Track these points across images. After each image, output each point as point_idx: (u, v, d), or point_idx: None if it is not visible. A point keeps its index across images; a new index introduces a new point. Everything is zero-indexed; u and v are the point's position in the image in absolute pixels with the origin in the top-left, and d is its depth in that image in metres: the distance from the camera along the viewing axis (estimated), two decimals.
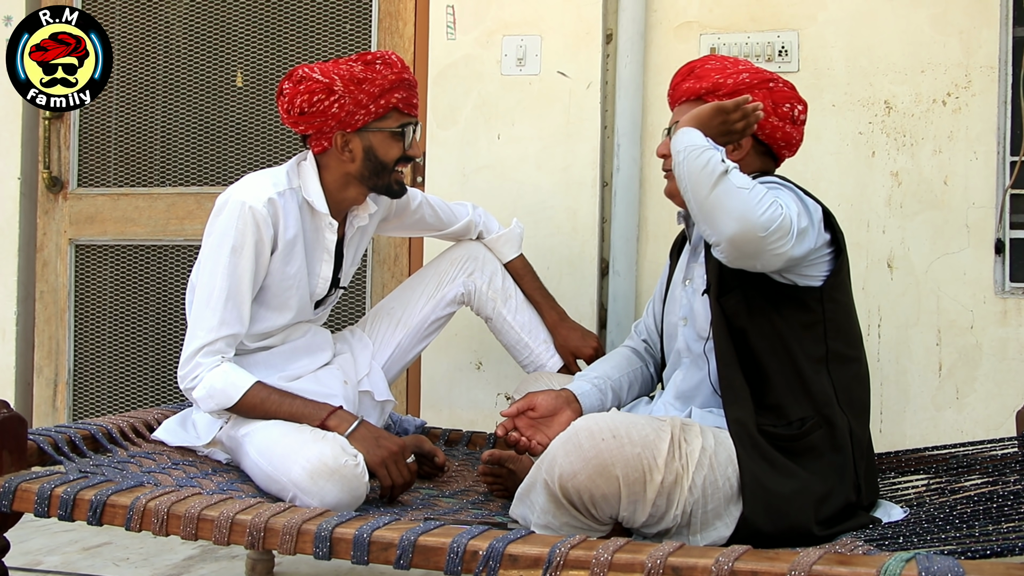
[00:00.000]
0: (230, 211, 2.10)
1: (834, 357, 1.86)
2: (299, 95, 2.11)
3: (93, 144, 3.33)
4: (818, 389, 1.83)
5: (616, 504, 1.68)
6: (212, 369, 2.05)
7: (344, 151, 2.17)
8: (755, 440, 1.74)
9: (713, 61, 2.02)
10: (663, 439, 1.69)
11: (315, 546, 1.59)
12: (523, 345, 2.46)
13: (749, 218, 1.67)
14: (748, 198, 1.68)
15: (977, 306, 2.61)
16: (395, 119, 2.17)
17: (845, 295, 1.92)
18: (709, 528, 1.72)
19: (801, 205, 1.79)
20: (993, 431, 2.54)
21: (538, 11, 2.86)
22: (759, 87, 1.95)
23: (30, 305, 3.35)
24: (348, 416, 2.04)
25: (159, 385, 3.26)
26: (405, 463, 2.03)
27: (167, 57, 3.26)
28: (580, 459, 1.65)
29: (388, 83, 2.12)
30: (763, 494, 1.70)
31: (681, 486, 1.68)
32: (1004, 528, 1.59)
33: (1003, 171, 2.62)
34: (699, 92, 1.98)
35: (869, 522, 1.81)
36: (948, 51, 2.63)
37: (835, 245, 1.88)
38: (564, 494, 1.68)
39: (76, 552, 2.63)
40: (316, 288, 2.26)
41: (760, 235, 1.67)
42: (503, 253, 2.51)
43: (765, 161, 2.02)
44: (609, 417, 1.71)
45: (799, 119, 2.00)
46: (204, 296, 2.09)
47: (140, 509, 1.70)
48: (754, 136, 1.96)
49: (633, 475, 1.65)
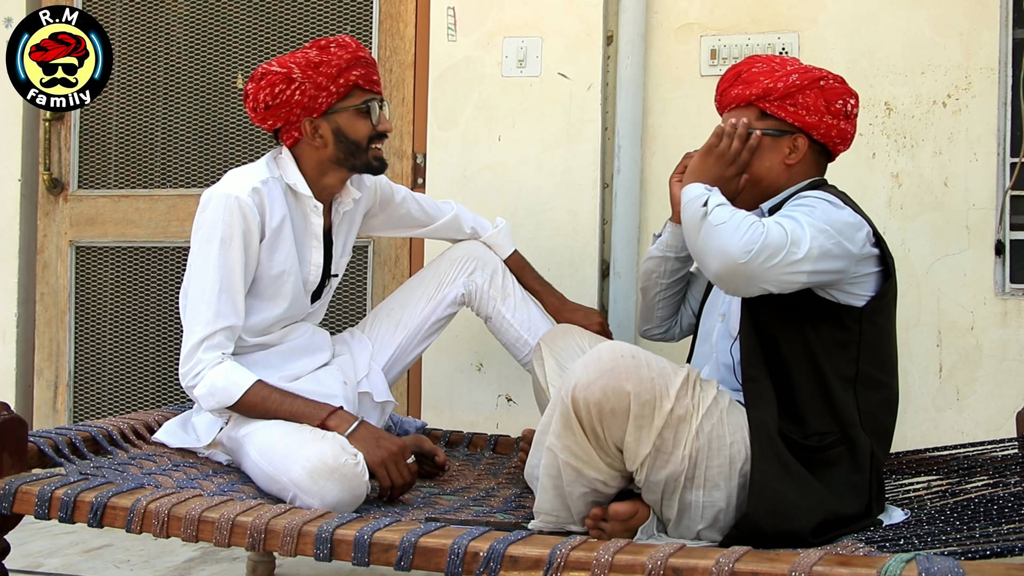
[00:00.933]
0: (216, 204, 2.11)
1: (863, 380, 1.84)
2: (261, 90, 2.15)
3: (94, 146, 3.33)
4: (843, 407, 1.81)
5: (624, 424, 1.68)
6: (214, 367, 2.05)
7: (315, 137, 2.18)
8: (773, 441, 1.73)
9: (760, 63, 1.97)
10: (679, 374, 1.71)
11: (316, 548, 1.59)
12: (522, 343, 2.46)
13: (726, 250, 1.69)
14: (724, 232, 1.70)
15: (977, 307, 2.61)
16: (358, 96, 2.18)
17: (887, 319, 1.88)
18: (712, 489, 1.71)
19: (828, 221, 1.75)
20: (993, 432, 2.54)
21: (539, 13, 2.87)
22: (810, 87, 1.92)
23: (31, 307, 3.36)
24: (348, 416, 2.05)
25: (160, 387, 3.26)
26: (405, 463, 2.03)
27: (168, 58, 3.26)
28: (597, 370, 1.67)
29: (344, 62, 2.14)
30: (771, 495, 1.69)
31: (689, 425, 1.69)
32: (1004, 529, 1.60)
33: (1003, 172, 2.62)
34: (749, 98, 1.94)
35: (869, 524, 1.81)
36: (948, 53, 2.63)
37: (883, 266, 1.85)
38: (575, 406, 1.68)
39: (77, 554, 2.63)
40: (309, 276, 2.26)
41: (741, 262, 1.68)
42: (502, 249, 2.52)
43: (821, 161, 2.00)
44: (632, 345, 1.73)
45: (852, 113, 1.97)
46: (197, 291, 2.09)
47: (141, 511, 1.70)
48: (809, 136, 1.94)
49: (644, 396, 1.66)
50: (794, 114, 1.92)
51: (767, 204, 1.96)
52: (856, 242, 1.79)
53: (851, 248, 1.77)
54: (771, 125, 1.94)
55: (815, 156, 1.98)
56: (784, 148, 1.94)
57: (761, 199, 1.97)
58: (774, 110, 1.93)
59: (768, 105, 1.93)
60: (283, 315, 2.24)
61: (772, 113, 1.93)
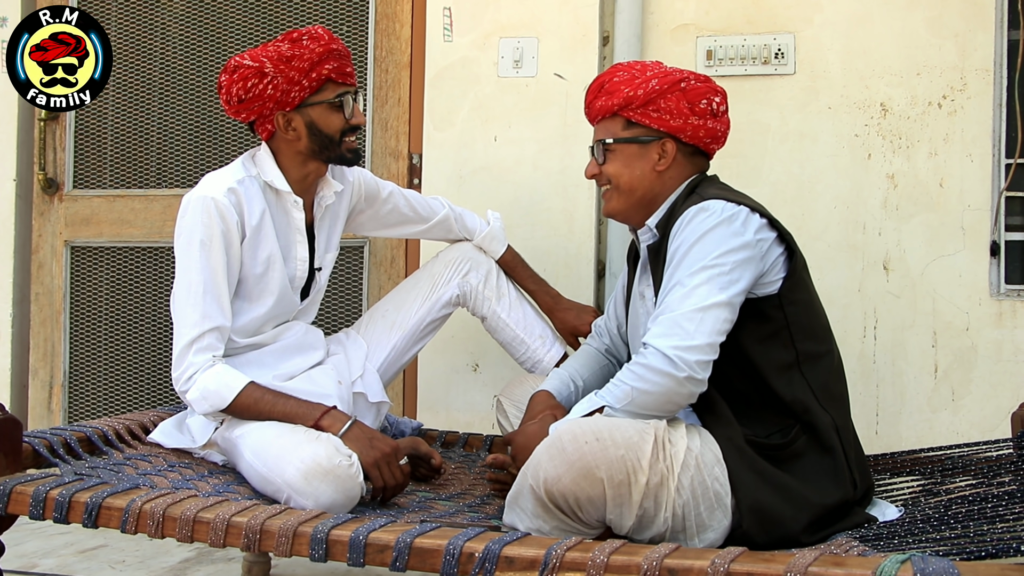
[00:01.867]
0: (193, 208, 2.11)
1: (805, 359, 1.84)
2: (234, 84, 2.14)
3: (89, 146, 3.32)
4: (793, 398, 1.81)
5: (602, 507, 1.67)
6: (205, 370, 2.05)
7: (288, 130, 2.18)
8: (744, 452, 1.73)
9: (622, 72, 1.97)
10: (647, 440, 1.68)
11: (311, 548, 1.59)
12: (519, 342, 2.46)
13: (670, 396, 1.72)
14: (646, 399, 1.73)
15: (972, 308, 2.61)
16: (331, 90, 2.18)
17: (804, 291, 1.89)
18: (704, 531, 1.71)
19: (719, 253, 1.76)
20: (988, 433, 2.54)
21: (535, 13, 2.87)
22: (671, 91, 1.91)
23: (25, 307, 3.35)
24: (341, 416, 2.05)
25: (155, 387, 3.26)
26: (398, 465, 2.03)
27: (163, 58, 3.26)
28: (564, 463, 1.65)
29: (316, 56, 2.13)
30: (757, 507, 1.70)
31: (668, 487, 1.68)
32: (999, 529, 1.60)
33: (998, 173, 2.62)
34: (613, 109, 1.95)
35: (864, 521, 1.81)
36: (944, 54, 2.63)
37: (784, 244, 1.86)
38: (550, 498, 1.68)
39: (72, 555, 2.62)
40: (296, 272, 2.26)
41: (695, 379, 1.71)
42: (494, 250, 2.52)
43: (696, 160, 1.99)
44: (592, 421, 1.71)
45: (719, 111, 1.96)
46: (183, 294, 2.09)
47: (136, 511, 1.70)
48: (677, 139, 1.93)
49: (618, 477, 1.65)
50: (658, 119, 1.91)
51: (652, 220, 1.95)
52: (752, 244, 1.79)
53: (751, 254, 1.78)
54: (637, 133, 1.94)
55: (688, 158, 1.97)
56: (653, 155, 1.93)
57: (643, 211, 1.97)
58: (638, 118, 1.92)
59: (631, 113, 1.92)
60: (272, 313, 2.23)
61: (637, 121, 1.93)
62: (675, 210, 1.90)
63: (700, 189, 1.92)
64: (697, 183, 1.95)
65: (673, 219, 1.88)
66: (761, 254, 1.81)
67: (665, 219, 1.93)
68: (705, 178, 1.98)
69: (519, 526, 1.76)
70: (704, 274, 1.75)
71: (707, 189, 1.91)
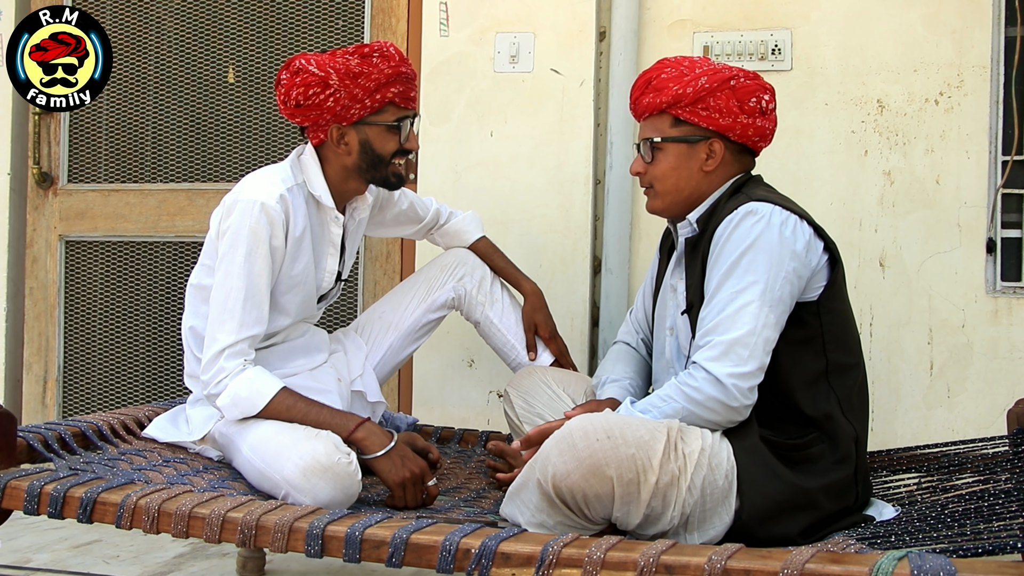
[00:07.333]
0: (242, 211, 2.07)
1: (835, 369, 1.84)
2: (295, 87, 2.10)
3: (84, 140, 3.31)
4: (817, 406, 1.80)
5: (609, 504, 1.67)
6: (236, 376, 2.01)
7: (340, 144, 2.15)
8: (756, 449, 1.73)
9: (669, 68, 1.94)
10: (658, 440, 1.67)
11: (307, 544, 1.59)
12: (510, 347, 2.47)
13: (725, 415, 1.74)
14: (703, 412, 1.74)
15: (968, 305, 2.61)
16: (391, 113, 2.15)
17: (841, 302, 1.89)
18: (706, 525, 1.71)
19: (771, 265, 1.75)
20: (984, 430, 2.54)
21: (531, 8, 2.86)
22: (720, 89, 1.88)
23: (20, 301, 3.34)
24: (377, 430, 2.01)
25: (150, 382, 3.25)
26: (423, 488, 2.01)
27: (159, 53, 3.25)
28: (574, 459, 1.64)
29: (385, 77, 2.10)
30: (762, 505, 1.70)
31: (679, 487, 1.67)
32: (995, 526, 1.60)
33: (995, 170, 2.62)
34: (661, 106, 1.92)
35: (861, 520, 1.81)
36: (941, 50, 2.63)
37: (828, 253, 1.85)
38: (557, 494, 1.67)
39: (66, 550, 2.62)
40: (323, 282, 2.25)
41: (743, 407, 1.74)
42: (469, 234, 2.51)
43: (743, 159, 1.97)
44: (604, 417, 1.70)
45: (768, 109, 1.93)
46: (222, 298, 2.05)
47: (131, 507, 1.69)
48: (725, 138, 1.91)
49: (627, 475, 1.65)
50: (707, 118, 1.89)
51: (694, 215, 1.94)
52: (802, 255, 1.78)
53: (798, 265, 1.78)
54: (686, 132, 1.92)
55: (735, 156, 1.95)
56: (701, 154, 1.92)
57: (686, 208, 1.95)
58: (687, 116, 1.90)
59: (680, 111, 1.90)
60: (294, 320, 2.23)
61: (685, 119, 1.91)
62: (718, 207, 1.89)
63: (746, 188, 1.91)
64: (743, 182, 1.94)
65: (716, 216, 1.86)
66: (809, 265, 1.80)
67: (707, 215, 1.91)
68: (750, 178, 1.97)
69: (519, 519, 1.76)
70: (755, 289, 1.75)
71: (753, 189, 1.89)
